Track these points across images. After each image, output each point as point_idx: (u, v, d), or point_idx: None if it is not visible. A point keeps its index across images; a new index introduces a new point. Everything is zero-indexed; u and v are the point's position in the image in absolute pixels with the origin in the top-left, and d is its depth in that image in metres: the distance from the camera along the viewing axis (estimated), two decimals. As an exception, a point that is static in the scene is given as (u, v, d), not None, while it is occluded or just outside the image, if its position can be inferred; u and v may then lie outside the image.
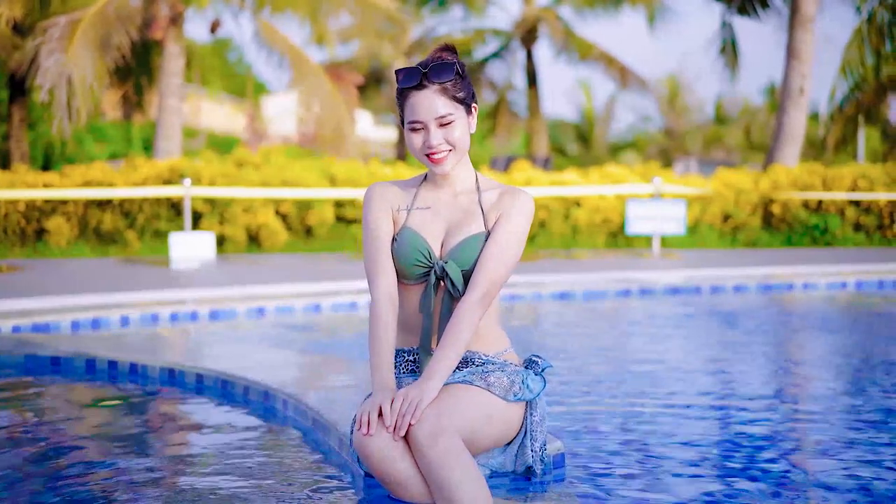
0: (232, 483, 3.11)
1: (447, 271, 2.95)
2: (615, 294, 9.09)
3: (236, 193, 15.01)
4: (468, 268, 2.96)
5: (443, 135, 2.96)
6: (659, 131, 50.23)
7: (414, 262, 2.98)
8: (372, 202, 3.10)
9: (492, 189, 3.09)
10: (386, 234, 3.06)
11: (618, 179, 17.42)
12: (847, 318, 8.15)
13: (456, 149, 2.98)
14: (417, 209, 3.07)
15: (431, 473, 2.69)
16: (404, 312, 3.06)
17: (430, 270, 2.98)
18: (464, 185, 3.09)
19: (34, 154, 23.33)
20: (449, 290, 2.97)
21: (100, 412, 4.40)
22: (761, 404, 4.37)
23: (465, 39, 31.10)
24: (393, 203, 3.09)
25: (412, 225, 3.04)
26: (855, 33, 19.95)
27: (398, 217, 3.07)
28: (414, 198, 3.09)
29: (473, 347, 3.03)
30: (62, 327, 6.81)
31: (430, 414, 2.75)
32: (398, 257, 3.01)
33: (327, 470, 3.23)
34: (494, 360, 3.04)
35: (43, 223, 15.16)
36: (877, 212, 17.22)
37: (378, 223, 3.07)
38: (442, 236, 3.03)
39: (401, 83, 2.97)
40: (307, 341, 6.75)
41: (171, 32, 18.12)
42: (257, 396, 4.32)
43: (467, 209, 3.04)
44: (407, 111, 2.97)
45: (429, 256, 2.98)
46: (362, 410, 2.78)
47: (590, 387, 4.77)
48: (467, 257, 2.96)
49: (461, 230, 3.01)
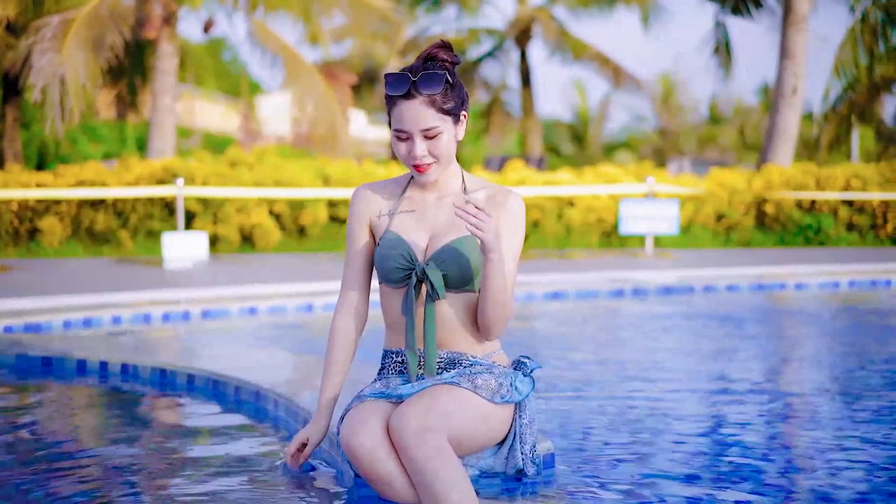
0: (223, 483, 3.10)
1: (427, 274, 2.93)
2: (608, 294, 9.09)
3: (230, 193, 14.99)
4: (452, 272, 2.95)
5: (427, 147, 2.94)
6: (653, 131, 50.24)
7: (395, 266, 2.97)
8: (353, 211, 3.11)
9: (479, 189, 3.07)
10: (362, 247, 3.09)
11: (612, 179, 17.42)
12: (840, 318, 8.15)
13: (440, 160, 2.97)
14: (401, 213, 3.06)
15: (417, 474, 2.69)
16: (391, 315, 3.05)
17: (411, 273, 2.97)
18: (450, 188, 3.08)
19: (27, 154, 23.27)
20: (429, 293, 2.95)
21: (91, 413, 4.39)
22: (755, 405, 4.37)
23: (459, 39, 31.08)
24: (375, 209, 3.09)
25: (395, 228, 3.03)
26: (848, 33, 19.97)
27: (381, 222, 3.07)
28: (399, 200, 3.08)
29: (461, 349, 3.02)
30: (54, 327, 6.79)
31: (417, 415, 2.75)
32: (380, 260, 3.00)
33: (318, 470, 3.22)
34: (482, 362, 3.03)
35: (36, 223, 15.13)
36: (870, 212, 17.24)
37: (354, 235, 3.10)
38: (426, 239, 3.01)
39: (388, 90, 2.94)
40: (299, 341, 6.74)
41: (164, 32, 18.09)
42: (249, 396, 4.31)
43: (452, 212, 3.03)
44: (393, 117, 2.95)
45: (410, 259, 2.96)
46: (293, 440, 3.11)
47: (581, 387, 4.77)
48: (451, 260, 2.95)
49: (446, 233, 3.00)
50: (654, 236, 15.85)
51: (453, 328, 3.00)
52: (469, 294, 3.00)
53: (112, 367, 5.04)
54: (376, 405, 2.91)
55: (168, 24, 18.09)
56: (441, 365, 3.00)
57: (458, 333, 3.01)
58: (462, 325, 3.00)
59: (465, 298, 3.00)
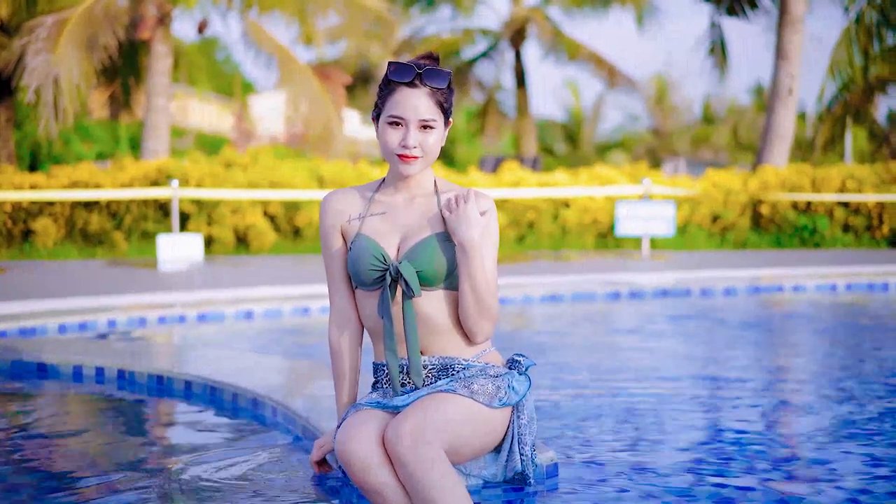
0: (220, 491, 3.08)
1: (401, 271, 2.90)
2: (605, 297, 9.07)
3: (224, 195, 14.94)
4: (426, 268, 2.91)
5: (420, 138, 2.93)
6: (647, 131, 50.28)
7: (369, 267, 2.94)
8: (324, 219, 3.09)
9: (450, 191, 3.06)
10: (339, 254, 3.07)
11: (607, 180, 17.41)
12: (837, 321, 8.13)
13: (427, 155, 2.96)
14: (372, 215, 3.03)
15: (414, 487, 2.67)
16: (370, 320, 3.02)
17: (385, 273, 2.94)
18: (421, 189, 3.06)
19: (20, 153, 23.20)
20: (404, 291, 2.92)
21: (87, 419, 4.35)
22: (758, 412, 4.34)
23: (454, 39, 31.09)
24: (344, 214, 3.06)
25: (366, 231, 3.01)
26: (843, 34, 19.98)
27: (351, 227, 3.04)
28: (369, 204, 3.06)
29: (451, 353, 2.98)
30: (49, 331, 6.75)
31: (412, 426, 2.72)
32: (353, 264, 2.97)
33: (315, 478, 3.19)
34: (475, 364, 2.99)
35: (29, 224, 15.08)
36: (865, 213, 17.24)
37: (329, 243, 3.08)
38: (398, 240, 2.99)
39: (393, 76, 2.92)
40: (295, 345, 6.71)
41: (158, 32, 18.03)
42: (246, 403, 4.28)
43: (424, 211, 3.01)
44: (389, 104, 2.93)
45: (383, 259, 2.94)
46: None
47: (581, 394, 4.74)
48: (424, 257, 2.92)
49: (418, 232, 2.98)
50: (650, 238, 15.84)
51: (437, 330, 2.96)
52: (447, 293, 2.96)
53: (108, 373, 5.01)
54: (372, 414, 2.88)
55: (162, 25, 18.04)
56: (433, 373, 2.96)
57: (442, 336, 2.97)
58: (446, 327, 2.97)
59: (443, 297, 2.96)
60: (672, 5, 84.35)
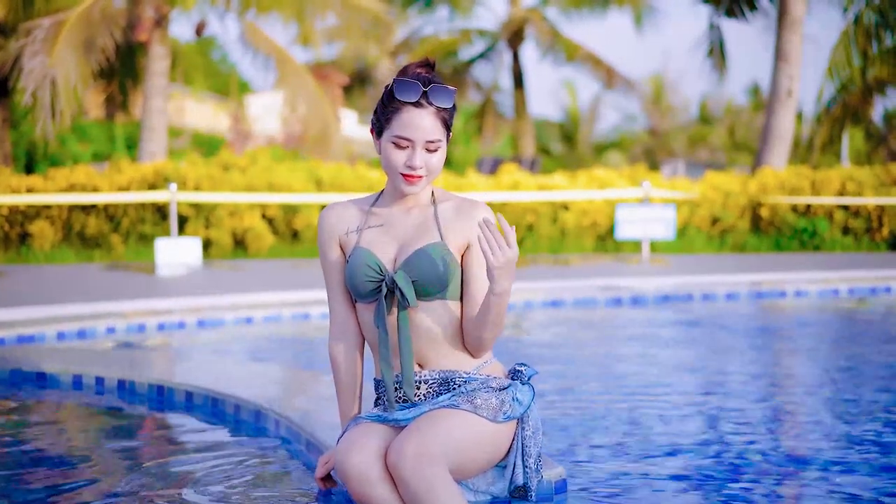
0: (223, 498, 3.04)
1: (396, 281, 2.86)
2: (607, 302, 9.02)
3: (222, 199, 14.88)
4: (422, 278, 2.87)
5: (425, 158, 2.89)
6: (644, 131, 50.28)
7: (365, 279, 2.91)
8: (322, 233, 3.07)
9: (447, 201, 3.02)
10: (338, 267, 3.04)
11: (606, 183, 17.36)
12: (840, 326, 8.10)
13: (430, 175, 2.92)
14: (370, 227, 3.00)
15: (415, 502, 2.63)
16: (369, 333, 3.00)
17: (381, 284, 2.90)
18: (418, 199, 3.02)
19: (17, 154, 23.16)
20: (399, 301, 2.88)
21: (87, 429, 4.31)
22: (767, 425, 4.30)
23: (452, 40, 31.06)
24: (343, 227, 3.04)
25: (363, 243, 2.98)
26: (842, 35, 19.97)
27: (349, 239, 3.01)
28: (367, 216, 3.03)
29: (451, 366, 2.94)
30: (47, 338, 6.70)
31: (414, 444, 2.68)
32: (351, 276, 2.94)
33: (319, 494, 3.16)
34: (476, 377, 2.94)
35: (26, 227, 15.02)
36: (865, 215, 17.21)
37: (328, 256, 3.06)
38: (395, 251, 2.96)
39: (398, 94, 2.87)
40: (295, 352, 6.67)
41: (155, 34, 17.97)
42: (248, 415, 4.23)
43: (421, 222, 2.98)
44: (395, 124, 2.88)
45: (379, 270, 2.91)
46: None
47: (588, 405, 4.69)
48: (421, 268, 2.88)
49: (414, 243, 2.94)
50: (650, 241, 15.79)
51: (435, 343, 2.92)
52: (445, 304, 2.92)
53: (108, 383, 4.95)
54: (372, 427, 2.85)
55: (159, 26, 17.97)
56: (433, 387, 2.92)
57: (441, 348, 2.93)
58: (445, 339, 2.93)
59: (441, 309, 2.92)
60: (669, 6, 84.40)
